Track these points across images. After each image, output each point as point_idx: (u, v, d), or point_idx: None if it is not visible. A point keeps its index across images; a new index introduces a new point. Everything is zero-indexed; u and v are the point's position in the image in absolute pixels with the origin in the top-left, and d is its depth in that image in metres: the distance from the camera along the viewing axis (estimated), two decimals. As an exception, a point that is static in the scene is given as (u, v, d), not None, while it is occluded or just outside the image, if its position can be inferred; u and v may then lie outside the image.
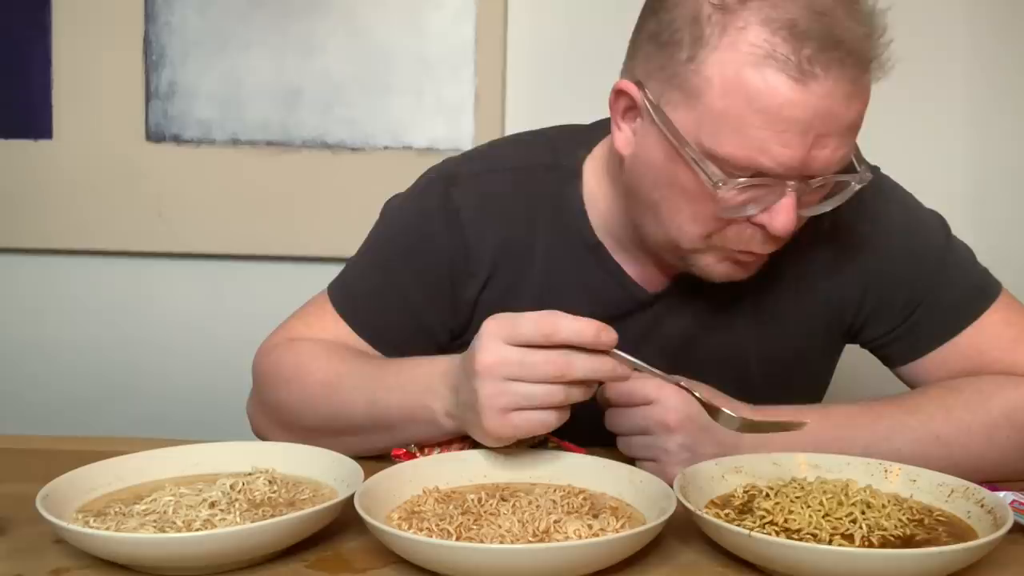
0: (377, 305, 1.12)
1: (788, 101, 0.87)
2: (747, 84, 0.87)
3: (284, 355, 1.10)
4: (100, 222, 1.85)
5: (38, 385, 1.92)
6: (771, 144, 0.88)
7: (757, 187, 0.92)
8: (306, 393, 1.06)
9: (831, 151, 0.90)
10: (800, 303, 1.10)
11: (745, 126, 0.88)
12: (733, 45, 0.88)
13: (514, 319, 0.87)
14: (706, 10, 0.89)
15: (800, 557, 0.76)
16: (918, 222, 1.11)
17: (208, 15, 1.81)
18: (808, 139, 0.88)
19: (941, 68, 1.75)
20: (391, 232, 1.14)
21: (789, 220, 0.92)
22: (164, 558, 0.77)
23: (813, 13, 0.87)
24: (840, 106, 0.88)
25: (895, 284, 1.09)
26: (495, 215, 1.09)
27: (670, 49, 0.92)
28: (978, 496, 0.86)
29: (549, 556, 0.75)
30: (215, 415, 1.84)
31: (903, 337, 1.10)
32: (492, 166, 1.13)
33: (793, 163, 0.89)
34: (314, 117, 1.82)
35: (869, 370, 1.20)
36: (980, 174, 1.81)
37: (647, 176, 0.98)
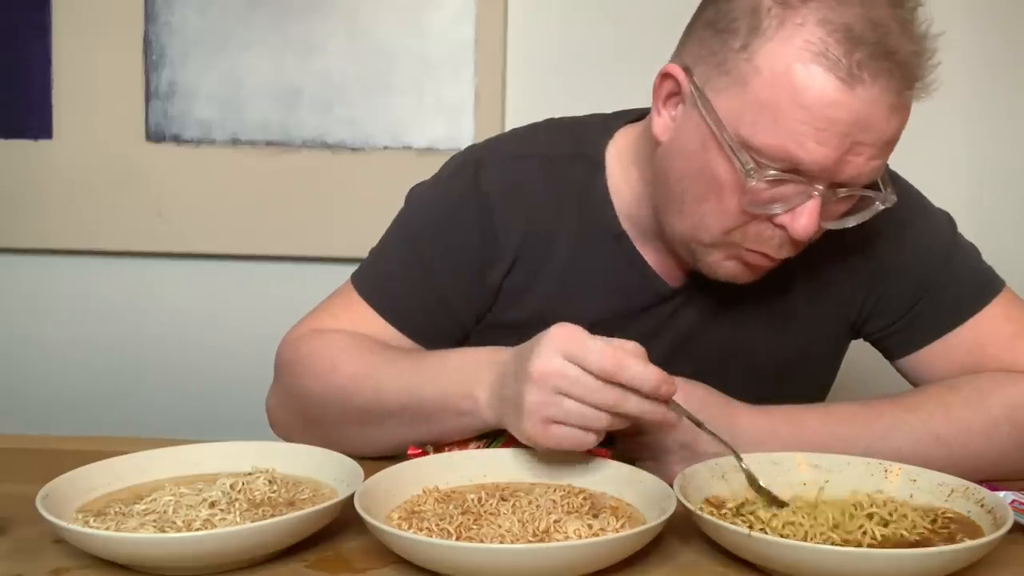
0: (404, 287, 1.11)
1: (833, 101, 0.88)
2: (795, 78, 0.89)
3: (312, 346, 1.09)
4: (100, 222, 1.85)
5: (38, 385, 1.92)
6: (808, 140, 0.89)
7: (785, 183, 0.92)
8: (337, 384, 1.04)
9: (864, 160, 0.91)
10: (812, 303, 1.11)
11: (786, 118, 0.89)
12: (788, 39, 0.89)
13: (583, 341, 0.86)
14: (767, 3, 0.91)
15: (800, 557, 0.76)
16: (926, 218, 1.12)
17: (208, 15, 1.81)
18: (845, 143, 0.89)
19: (941, 68, 1.75)
20: (419, 215, 1.13)
21: (811, 223, 0.93)
22: (164, 558, 0.77)
23: (869, 22, 0.89)
24: (881, 116, 0.90)
25: (900, 278, 1.10)
26: (522, 201, 1.09)
27: (725, 36, 0.93)
28: (978, 496, 0.86)
29: (549, 556, 0.75)
30: (215, 415, 1.85)
31: (904, 329, 1.11)
32: (520, 152, 1.13)
33: (827, 163, 0.90)
34: (314, 117, 1.82)
35: (871, 365, 1.20)
36: (980, 174, 1.81)
37: (679, 163, 0.99)
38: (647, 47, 1.74)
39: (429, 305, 1.10)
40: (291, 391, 1.10)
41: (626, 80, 1.73)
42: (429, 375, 1.01)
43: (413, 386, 1.01)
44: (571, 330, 0.88)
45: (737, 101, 0.92)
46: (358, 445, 1.02)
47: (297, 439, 1.07)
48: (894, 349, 1.13)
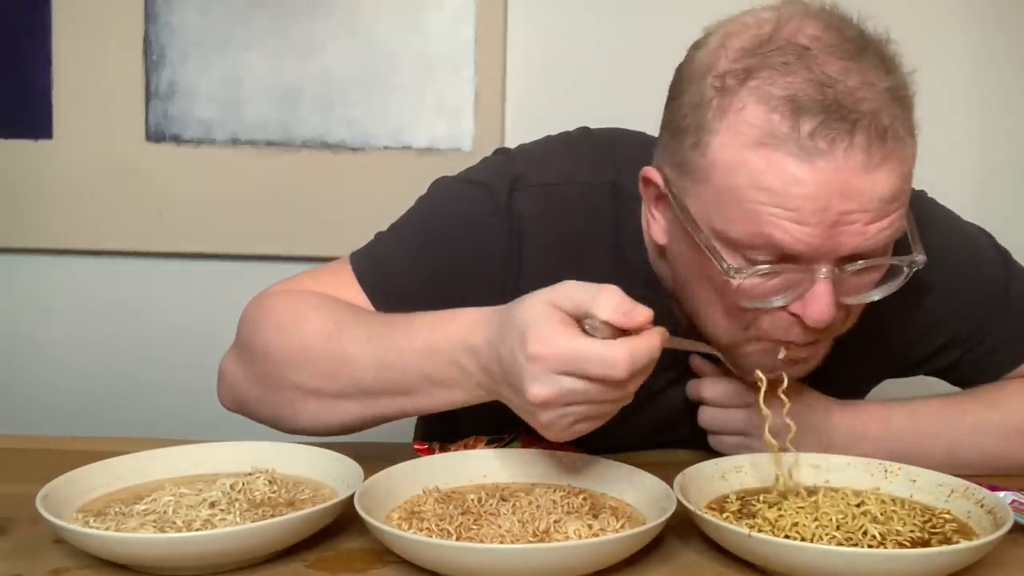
0: (405, 285, 1.02)
1: (793, 179, 0.82)
2: (749, 164, 0.84)
3: (279, 300, 1.00)
4: (100, 222, 1.85)
5: (38, 385, 1.91)
6: (785, 223, 0.83)
7: (782, 273, 0.87)
8: (301, 344, 0.95)
9: (862, 227, 0.84)
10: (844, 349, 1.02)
11: (754, 205, 0.84)
12: (733, 128, 0.85)
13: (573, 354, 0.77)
14: (708, 94, 0.87)
15: (800, 557, 0.76)
16: (976, 256, 1.09)
17: (208, 15, 1.80)
18: (829, 217, 0.83)
19: (941, 67, 1.75)
20: (441, 213, 1.06)
21: (823, 309, 0.86)
22: (164, 558, 0.77)
23: (815, 85, 0.83)
24: (858, 181, 0.82)
25: (959, 323, 1.08)
26: (554, 233, 1.02)
27: (679, 136, 0.90)
28: (978, 496, 0.86)
29: (549, 556, 0.75)
30: (215, 415, 1.84)
31: (969, 368, 1.10)
32: (561, 177, 1.05)
33: (815, 242, 0.84)
34: (314, 117, 1.82)
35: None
36: (980, 174, 1.81)
37: (680, 268, 0.95)
38: (648, 47, 1.75)
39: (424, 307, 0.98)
40: (251, 350, 1.01)
41: (626, 80, 1.75)
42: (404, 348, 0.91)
43: (387, 357, 0.92)
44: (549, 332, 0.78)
45: (703, 199, 0.88)
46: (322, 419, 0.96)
47: (249, 408, 1.01)
48: (962, 382, 1.12)
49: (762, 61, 0.85)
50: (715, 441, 1.02)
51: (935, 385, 1.15)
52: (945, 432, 1.02)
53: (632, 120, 1.13)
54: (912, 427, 1.02)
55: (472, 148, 1.76)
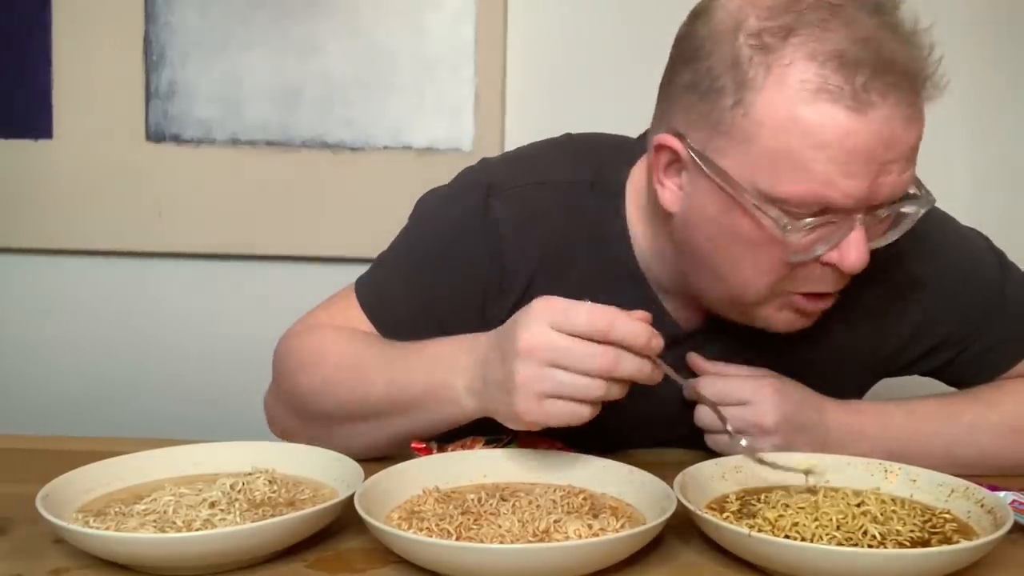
0: (403, 310, 1.07)
1: (850, 131, 0.85)
2: (803, 120, 0.85)
3: (304, 340, 1.07)
4: (100, 222, 1.85)
5: (38, 385, 1.91)
6: (837, 177, 0.86)
7: (825, 225, 0.89)
8: (324, 376, 1.03)
9: (896, 177, 0.88)
10: (836, 346, 1.07)
11: (807, 162, 0.85)
12: (781, 83, 0.85)
13: (566, 306, 0.85)
14: (745, 52, 0.87)
15: (800, 557, 0.76)
16: (971, 257, 1.10)
17: (208, 15, 1.80)
18: (873, 168, 0.86)
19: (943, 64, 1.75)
20: (426, 235, 1.10)
21: (862, 254, 0.89)
22: (164, 558, 0.77)
23: (859, 41, 0.85)
24: (901, 130, 0.86)
25: (954, 323, 1.08)
26: (535, 232, 1.05)
27: (712, 96, 0.89)
28: (978, 496, 0.86)
29: (549, 556, 0.75)
30: (215, 415, 1.84)
31: (963, 368, 1.10)
32: (536, 178, 1.07)
33: (861, 193, 0.87)
34: (314, 117, 1.82)
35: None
36: (980, 174, 1.81)
37: (701, 231, 0.95)
38: (648, 47, 1.74)
39: (427, 330, 1.04)
40: (283, 387, 1.09)
41: (627, 80, 1.74)
42: (409, 365, 0.98)
43: (396, 376, 0.98)
44: (552, 300, 0.86)
45: (746, 158, 0.88)
46: (351, 443, 1.00)
47: (294, 438, 1.06)
48: (956, 382, 1.12)
49: (798, 18, 0.86)
50: (711, 440, 1.02)
51: (933, 386, 1.15)
52: (943, 431, 1.03)
53: (632, 120, 1.12)
54: (910, 426, 1.02)
55: (472, 148, 1.76)
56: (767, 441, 0.98)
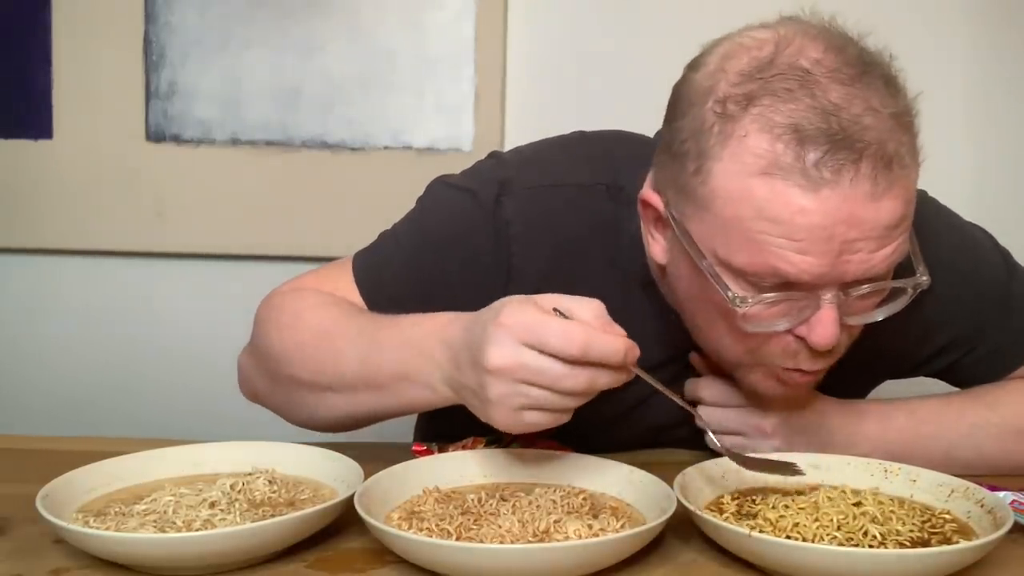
0: (395, 290, 1.04)
1: (801, 209, 0.81)
2: (755, 195, 0.83)
3: (285, 300, 1.04)
4: (100, 222, 1.85)
5: (38, 385, 1.91)
6: (790, 254, 0.83)
7: (787, 300, 0.86)
8: (298, 340, 0.99)
9: (866, 256, 0.84)
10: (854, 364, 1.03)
11: (760, 236, 0.83)
12: (736, 156, 0.83)
13: (536, 322, 0.79)
14: (709, 119, 0.85)
15: (800, 557, 0.76)
16: (975, 257, 1.08)
17: (208, 15, 1.80)
18: (834, 246, 0.82)
19: (941, 67, 1.75)
20: (432, 221, 1.07)
21: (828, 334, 0.86)
22: (164, 558, 0.77)
23: (819, 113, 0.81)
24: (863, 210, 0.82)
25: (960, 325, 1.07)
26: (546, 236, 1.02)
27: (680, 159, 0.88)
28: (978, 496, 0.86)
29: (549, 556, 0.75)
30: (215, 415, 1.84)
31: (968, 369, 1.10)
32: (551, 180, 1.04)
33: (820, 271, 0.83)
34: (314, 117, 1.82)
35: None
36: (980, 173, 1.81)
37: (681, 288, 0.95)
38: (648, 47, 1.75)
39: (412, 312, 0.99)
40: (258, 345, 1.05)
41: (627, 80, 1.75)
42: (383, 344, 0.94)
43: (369, 354, 0.94)
44: (524, 312, 0.80)
45: (706, 225, 0.86)
46: (317, 412, 0.99)
47: (261, 399, 1.06)
48: (962, 383, 1.12)
49: (763, 86, 0.83)
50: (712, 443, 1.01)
51: (934, 386, 1.15)
52: (944, 432, 1.02)
53: (632, 120, 1.13)
54: (911, 427, 1.02)
55: (472, 148, 1.77)
56: (767, 444, 0.99)
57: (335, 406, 0.98)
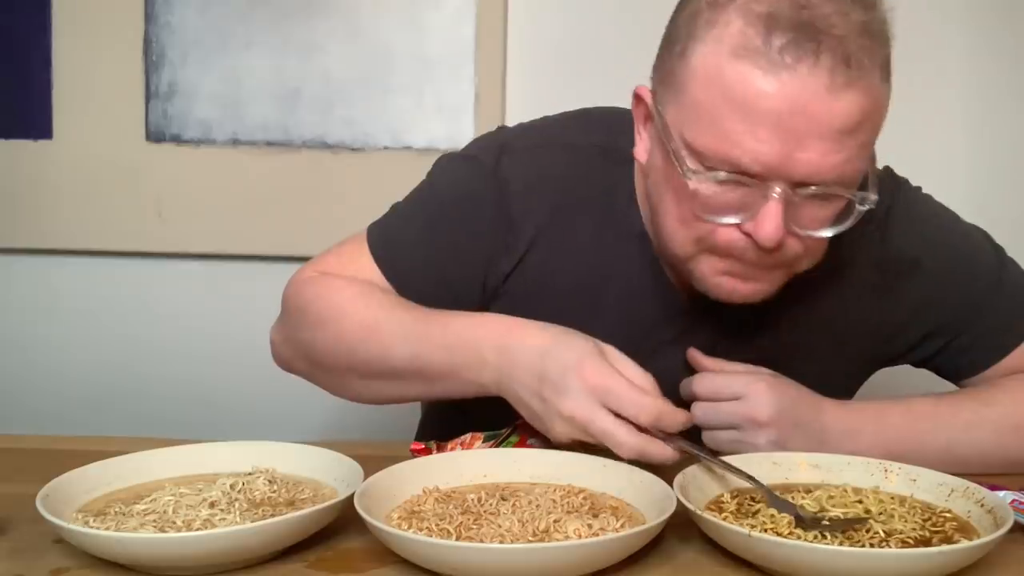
0: (410, 258, 1.09)
1: (759, 92, 0.86)
2: (724, 76, 0.87)
3: (319, 291, 1.09)
4: (100, 222, 1.85)
5: (38, 385, 1.92)
6: (745, 138, 0.87)
7: (737, 186, 0.90)
8: (342, 335, 1.05)
9: (818, 155, 0.87)
10: (834, 327, 1.08)
11: (722, 118, 0.87)
12: (717, 38, 0.88)
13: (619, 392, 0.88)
14: (701, 7, 0.91)
15: (800, 557, 0.76)
16: (968, 244, 1.11)
17: (208, 15, 1.80)
18: (785, 136, 0.86)
19: (941, 67, 1.75)
20: (439, 188, 1.13)
21: (773, 228, 0.89)
22: (164, 558, 0.77)
23: (795, 6, 0.86)
24: (818, 103, 0.85)
25: (947, 310, 1.09)
26: (543, 191, 1.07)
27: (670, 45, 0.94)
28: (978, 496, 0.86)
29: (549, 556, 0.75)
30: (215, 415, 1.84)
31: (956, 358, 1.11)
32: (547, 141, 1.11)
33: (770, 160, 0.87)
34: (314, 117, 1.82)
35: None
36: (980, 174, 1.81)
37: (651, 179, 0.99)
38: (647, 46, 1.74)
39: (431, 279, 1.08)
40: (296, 335, 1.10)
41: (626, 79, 1.73)
42: (432, 341, 0.99)
43: (418, 350, 1.00)
44: (603, 371, 0.88)
45: (679, 107, 0.91)
46: (363, 395, 1.07)
47: (297, 373, 1.12)
48: (948, 376, 1.13)
49: None
50: (708, 437, 1.02)
51: (928, 384, 1.15)
52: (941, 428, 1.03)
53: (632, 120, 1.12)
54: (907, 424, 1.02)
55: (472, 148, 1.77)
56: (762, 435, 0.98)
57: (382, 391, 1.05)
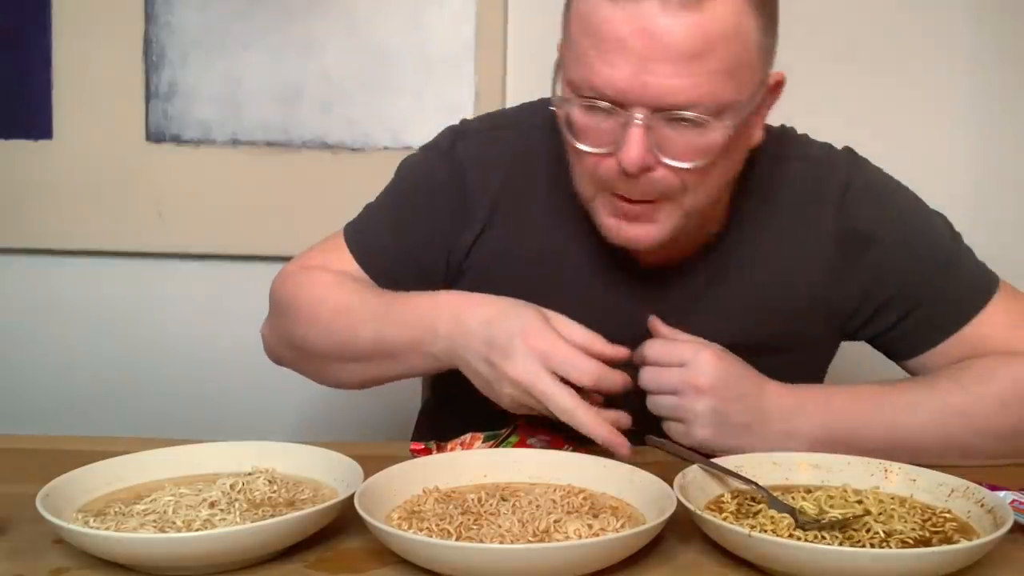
0: (379, 244, 1.18)
1: (603, 19, 0.92)
2: (582, 8, 0.95)
3: (300, 282, 1.17)
4: (100, 222, 1.85)
5: (38, 385, 1.92)
6: (598, 63, 0.93)
7: (605, 115, 0.95)
8: (319, 320, 1.12)
9: (665, 78, 0.91)
10: (790, 294, 1.12)
11: (583, 49, 0.94)
12: None
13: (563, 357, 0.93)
14: None
15: (800, 557, 0.76)
16: (924, 221, 1.13)
17: (208, 15, 1.80)
18: (632, 59, 0.91)
19: (941, 67, 1.75)
20: (402, 179, 1.22)
21: (636, 152, 0.94)
22: (164, 558, 0.77)
23: None
24: (655, 22, 0.90)
25: (901, 282, 1.11)
26: (495, 168, 1.15)
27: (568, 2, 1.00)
28: (978, 496, 0.86)
29: (549, 556, 0.75)
30: (215, 415, 1.85)
31: (907, 334, 1.12)
32: (499, 123, 1.20)
33: (622, 84, 0.92)
34: (314, 117, 1.82)
35: (869, 364, 1.20)
36: (980, 174, 1.81)
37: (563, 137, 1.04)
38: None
39: (401, 257, 1.17)
40: (281, 325, 1.18)
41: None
42: (393, 319, 1.07)
43: (380, 328, 1.07)
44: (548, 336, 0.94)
45: (565, 53, 0.99)
46: (342, 379, 1.14)
47: (287, 365, 1.20)
48: (898, 353, 1.15)
49: None
50: (651, 402, 1.03)
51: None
52: (884, 408, 1.04)
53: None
54: (850, 403, 1.04)
55: (472, 148, 1.77)
56: (701, 402, 0.99)
57: (356, 372, 1.12)
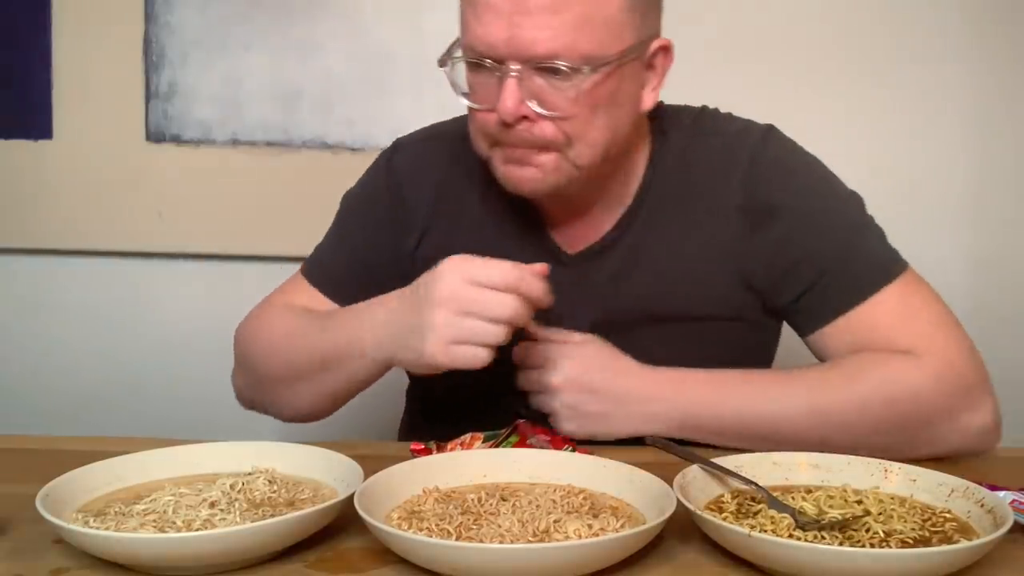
0: (332, 261, 1.24)
1: None
2: None
3: (260, 321, 1.22)
4: (100, 222, 1.85)
5: (38, 385, 1.92)
6: (473, 24, 1.01)
7: (485, 72, 1.02)
8: (270, 345, 1.17)
9: (532, 32, 0.98)
10: (707, 268, 1.14)
11: (465, 19, 1.03)
12: None
13: (479, 266, 0.96)
14: None
15: (800, 557, 0.76)
16: (831, 198, 1.15)
17: (208, 15, 1.80)
18: (499, 17, 0.99)
19: (941, 68, 1.75)
20: (347, 202, 1.29)
21: (509, 100, 1.01)
22: (164, 558, 0.77)
23: None
24: None
25: (802, 255, 1.12)
26: (429, 175, 1.21)
27: None
28: (978, 496, 0.86)
29: (549, 556, 0.75)
30: (215, 415, 1.84)
31: (808, 307, 1.13)
32: (431, 135, 1.27)
33: (492, 40, 1.00)
34: (314, 117, 1.82)
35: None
36: (980, 174, 1.81)
37: None
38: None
39: (353, 272, 1.21)
40: (241, 358, 1.23)
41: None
42: (329, 326, 1.11)
43: (322, 337, 1.11)
44: (466, 258, 0.98)
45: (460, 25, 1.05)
46: (295, 404, 1.16)
47: (256, 406, 1.22)
48: (801, 325, 1.15)
49: None
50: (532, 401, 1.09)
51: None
52: (736, 395, 1.07)
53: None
54: (705, 389, 1.07)
55: (472, 148, 1.77)
56: (556, 399, 1.06)
57: (305, 392, 1.14)
